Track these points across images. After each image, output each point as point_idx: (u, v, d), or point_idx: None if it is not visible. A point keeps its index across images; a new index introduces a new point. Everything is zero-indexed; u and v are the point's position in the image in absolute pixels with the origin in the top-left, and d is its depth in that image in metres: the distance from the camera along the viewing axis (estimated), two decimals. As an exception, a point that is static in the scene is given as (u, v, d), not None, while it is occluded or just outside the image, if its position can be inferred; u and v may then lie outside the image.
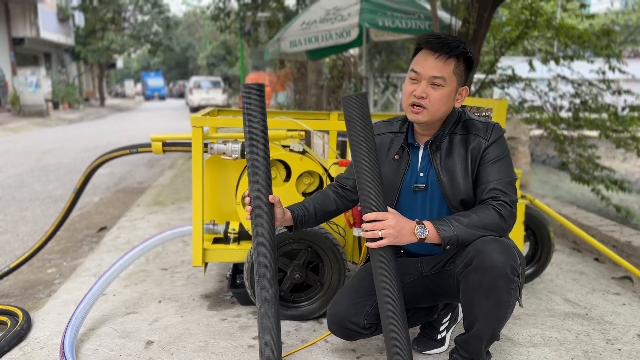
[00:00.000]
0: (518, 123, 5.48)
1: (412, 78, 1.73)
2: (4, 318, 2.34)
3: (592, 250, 3.37)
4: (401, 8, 5.84)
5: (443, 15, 5.88)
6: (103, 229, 4.48)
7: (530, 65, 6.02)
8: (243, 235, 2.50)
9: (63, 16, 24.03)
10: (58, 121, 16.99)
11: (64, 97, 22.36)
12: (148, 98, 41.94)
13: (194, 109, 22.74)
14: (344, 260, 2.29)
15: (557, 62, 5.82)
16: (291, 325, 2.28)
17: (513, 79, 6.17)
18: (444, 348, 2.06)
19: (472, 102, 2.61)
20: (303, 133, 2.57)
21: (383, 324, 1.68)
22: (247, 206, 1.79)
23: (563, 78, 6.20)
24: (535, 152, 10.61)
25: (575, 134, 5.98)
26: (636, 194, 7.63)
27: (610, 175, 5.62)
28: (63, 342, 2.00)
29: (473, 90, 5.95)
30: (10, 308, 2.41)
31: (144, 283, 2.83)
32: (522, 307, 2.05)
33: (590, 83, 6.07)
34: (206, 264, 2.53)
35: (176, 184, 5.84)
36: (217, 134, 2.50)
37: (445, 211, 1.80)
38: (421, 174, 1.81)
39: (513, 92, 6.51)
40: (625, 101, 6.34)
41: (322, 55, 8.45)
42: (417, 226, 1.62)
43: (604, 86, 5.91)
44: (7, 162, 8.25)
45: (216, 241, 2.54)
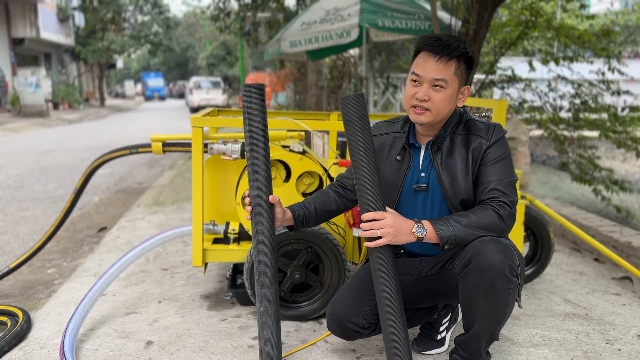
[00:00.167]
0: (518, 123, 5.48)
1: (414, 80, 1.73)
2: (4, 318, 2.34)
3: (592, 250, 3.38)
4: (401, 8, 5.84)
5: (443, 15, 5.88)
6: (103, 229, 4.48)
7: (530, 65, 6.02)
8: (243, 235, 2.50)
9: (63, 16, 24.05)
10: (58, 121, 16.99)
11: (64, 98, 22.37)
12: (148, 98, 41.95)
13: (194, 110, 22.73)
14: (344, 260, 2.29)
15: (557, 63, 5.83)
16: (291, 325, 2.28)
17: (513, 80, 6.17)
18: (444, 348, 2.06)
19: (472, 103, 2.61)
20: (303, 133, 2.57)
21: (382, 324, 1.68)
22: (248, 206, 1.79)
23: (563, 78, 6.20)
24: (535, 153, 10.61)
25: (575, 135, 5.98)
26: (636, 194, 7.62)
27: (610, 175, 5.63)
28: (63, 343, 2.00)
29: (473, 91, 5.95)
30: (10, 308, 2.41)
31: (144, 283, 2.83)
32: (522, 308, 2.05)
33: (590, 83, 6.07)
34: (206, 264, 2.53)
35: (176, 184, 5.84)
36: (217, 134, 2.50)
37: (445, 211, 1.80)
38: (422, 174, 1.81)
39: (513, 93, 6.51)
40: (625, 101, 6.35)
41: (322, 55, 8.45)
42: (416, 225, 1.62)
43: (604, 87, 5.91)
44: (7, 163, 8.25)
45: (216, 241, 2.54)
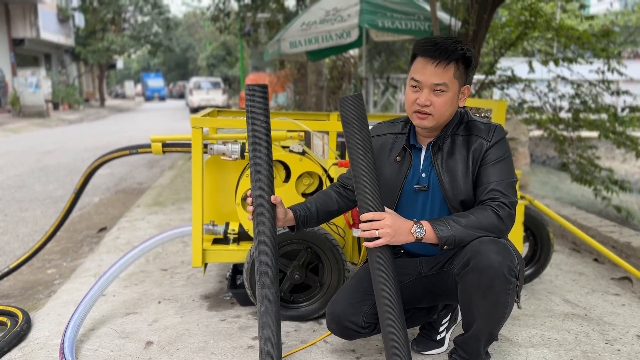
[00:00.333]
0: (518, 124, 5.49)
1: (414, 86, 1.72)
2: (4, 319, 2.34)
3: (592, 250, 3.38)
4: (401, 9, 5.84)
5: (443, 16, 5.88)
6: (103, 230, 4.48)
7: (529, 66, 6.02)
8: (242, 235, 2.50)
9: (63, 17, 24.06)
10: (58, 122, 16.99)
11: (64, 98, 22.37)
12: (148, 99, 41.95)
13: (194, 110, 22.74)
14: (344, 260, 2.30)
15: (557, 64, 5.83)
16: (291, 325, 2.29)
17: (513, 80, 6.17)
18: (444, 349, 2.06)
19: (472, 103, 2.61)
20: (303, 134, 2.57)
21: (381, 324, 1.69)
22: (249, 206, 1.79)
23: (563, 79, 6.21)
24: (535, 153, 10.62)
25: (574, 135, 5.98)
26: (636, 194, 7.63)
27: (610, 175, 5.63)
28: (63, 343, 2.00)
29: (473, 91, 5.95)
30: (10, 309, 2.41)
31: (144, 284, 2.83)
32: (521, 309, 2.05)
33: (590, 83, 6.08)
34: (206, 265, 2.53)
35: (176, 185, 5.85)
36: (217, 135, 2.50)
37: (445, 212, 1.80)
38: (423, 175, 1.81)
39: (513, 93, 6.51)
40: (624, 101, 6.35)
41: (322, 56, 8.45)
42: (415, 226, 1.63)
43: (604, 86, 5.92)
44: (7, 163, 8.25)
45: (216, 242, 2.54)
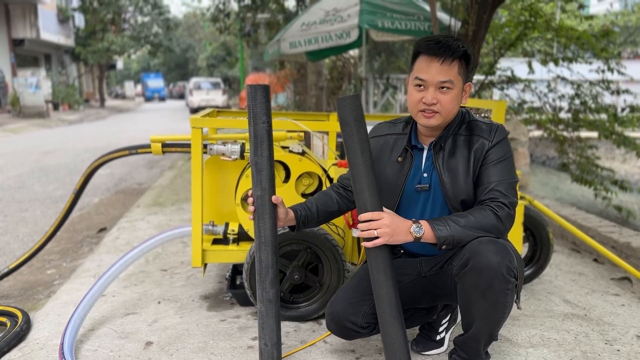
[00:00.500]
0: (517, 124, 5.49)
1: (418, 85, 1.71)
2: (4, 319, 2.34)
3: (592, 251, 3.38)
4: (401, 9, 5.84)
5: (442, 16, 5.88)
6: (103, 230, 4.48)
7: (529, 66, 6.02)
8: (242, 236, 2.50)
9: (63, 17, 24.07)
10: (58, 122, 16.99)
11: (64, 98, 22.38)
12: (148, 99, 41.97)
13: (194, 110, 22.74)
14: (343, 261, 2.30)
15: (557, 64, 5.83)
16: (290, 326, 2.29)
17: (512, 80, 6.17)
18: (443, 349, 2.06)
19: (472, 104, 2.62)
20: (302, 134, 2.57)
21: (380, 324, 1.69)
22: (250, 206, 1.79)
23: (562, 79, 6.20)
24: (535, 153, 10.62)
25: (574, 135, 5.98)
26: (636, 194, 7.63)
27: (610, 175, 5.63)
28: (62, 343, 2.00)
29: (472, 91, 5.95)
30: (9, 309, 2.41)
31: (144, 284, 2.83)
32: (520, 309, 2.05)
33: (590, 83, 6.08)
34: (205, 265, 2.53)
35: (176, 185, 5.85)
36: (217, 135, 2.50)
37: (446, 212, 1.80)
38: (425, 175, 1.81)
39: (512, 93, 6.51)
40: (625, 101, 6.35)
41: (322, 56, 8.45)
42: (414, 225, 1.63)
43: (604, 86, 5.92)
44: (7, 163, 8.25)
45: (215, 242, 2.54)
